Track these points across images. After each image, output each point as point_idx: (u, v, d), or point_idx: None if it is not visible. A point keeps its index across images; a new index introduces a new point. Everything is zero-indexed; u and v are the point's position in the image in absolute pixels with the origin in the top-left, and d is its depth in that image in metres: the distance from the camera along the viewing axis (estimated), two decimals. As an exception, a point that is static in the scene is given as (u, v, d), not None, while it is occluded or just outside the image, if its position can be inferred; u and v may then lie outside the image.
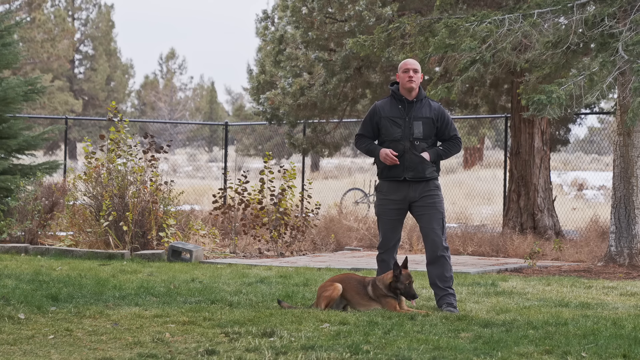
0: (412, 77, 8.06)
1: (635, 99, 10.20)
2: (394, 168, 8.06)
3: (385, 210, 8.18)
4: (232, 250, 13.67)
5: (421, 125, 8.05)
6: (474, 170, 30.11)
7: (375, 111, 8.18)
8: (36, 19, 47.50)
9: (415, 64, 8.14)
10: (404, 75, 8.08)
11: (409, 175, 8.05)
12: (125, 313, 7.57)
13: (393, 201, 8.13)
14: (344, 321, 7.24)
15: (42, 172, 15.06)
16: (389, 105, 8.15)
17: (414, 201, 8.11)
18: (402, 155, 8.03)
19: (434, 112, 8.10)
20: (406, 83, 8.08)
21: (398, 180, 8.09)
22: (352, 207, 18.61)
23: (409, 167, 8.04)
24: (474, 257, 13.49)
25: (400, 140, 8.04)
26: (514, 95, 15.60)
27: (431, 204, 8.08)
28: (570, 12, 10.93)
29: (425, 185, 8.09)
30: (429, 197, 8.08)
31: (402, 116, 8.07)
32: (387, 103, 8.19)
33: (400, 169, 8.05)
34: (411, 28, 12.60)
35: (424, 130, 8.05)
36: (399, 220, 8.20)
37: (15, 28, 15.63)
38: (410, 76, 8.06)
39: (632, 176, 12.05)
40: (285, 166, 14.24)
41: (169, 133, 48.47)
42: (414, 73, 8.07)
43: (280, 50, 17.53)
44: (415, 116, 8.06)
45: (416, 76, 8.08)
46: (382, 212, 8.20)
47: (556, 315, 7.74)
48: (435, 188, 8.13)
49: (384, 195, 8.18)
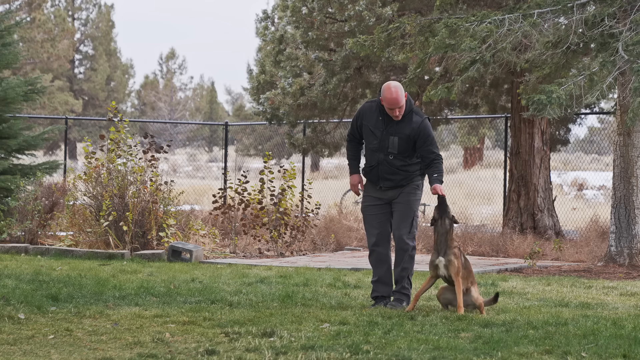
0: (397, 115, 8.06)
1: (635, 99, 10.20)
2: (371, 175, 8.23)
3: (367, 206, 8.30)
4: (232, 250, 13.67)
5: (396, 141, 8.09)
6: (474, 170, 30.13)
7: (359, 115, 8.28)
8: (36, 19, 47.50)
9: (398, 101, 7.97)
10: (389, 111, 8.05)
11: (385, 185, 8.21)
12: (125, 313, 7.57)
13: (375, 198, 8.27)
14: (344, 321, 7.24)
15: (42, 172, 15.05)
16: (372, 113, 8.18)
17: (394, 198, 8.22)
18: (376, 165, 8.18)
19: (414, 129, 8.06)
20: (392, 115, 8.08)
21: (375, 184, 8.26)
22: (352, 207, 18.59)
23: (383, 177, 8.19)
24: (474, 257, 13.48)
25: (376, 151, 8.17)
26: (514, 95, 15.60)
27: (406, 201, 8.17)
28: (570, 12, 10.93)
29: (403, 188, 8.20)
30: (405, 195, 8.18)
31: (380, 127, 8.13)
32: (371, 110, 8.20)
33: (376, 178, 8.22)
34: (411, 28, 12.59)
35: (399, 146, 8.10)
36: (383, 214, 8.24)
37: (15, 28, 15.63)
38: (397, 116, 8.06)
39: (632, 176, 12.05)
40: (285, 166, 14.24)
41: (169, 133, 48.48)
42: (398, 112, 8.03)
43: (280, 50, 17.54)
44: (393, 132, 8.10)
45: (400, 110, 8.04)
46: (365, 208, 8.33)
47: (556, 315, 7.74)
48: (415, 187, 8.22)
49: (367, 192, 8.34)
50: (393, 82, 8.09)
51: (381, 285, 8.21)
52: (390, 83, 8.07)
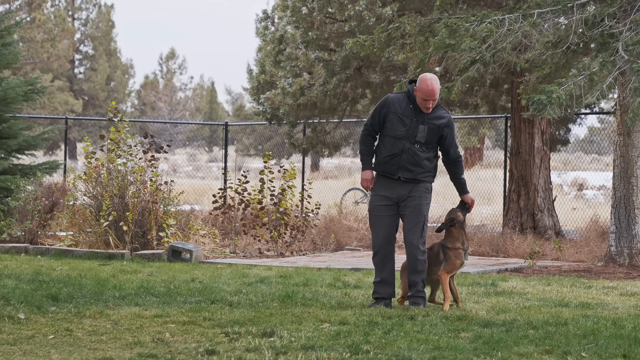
0: (428, 107, 8.03)
1: (635, 99, 10.20)
2: (389, 165, 8.10)
3: (376, 206, 8.21)
4: (232, 250, 13.67)
5: (426, 130, 8.04)
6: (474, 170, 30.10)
7: (386, 103, 8.14)
8: (36, 19, 47.51)
9: (434, 93, 7.97)
10: (422, 102, 8.01)
11: (404, 176, 8.09)
12: (125, 313, 7.57)
13: (384, 197, 8.17)
14: (344, 321, 7.24)
15: (42, 172, 15.06)
16: (401, 102, 8.11)
17: (403, 199, 8.13)
18: (399, 154, 8.05)
19: (443, 123, 8.08)
20: (422, 107, 8.06)
21: (392, 178, 8.13)
22: (352, 207, 18.59)
23: (404, 167, 8.07)
24: (474, 257, 13.48)
25: (402, 139, 8.05)
26: (514, 95, 15.60)
27: (416, 205, 8.11)
28: (570, 12, 10.93)
29: (415, 185, 8.13)
30: (415, 199, 8.11)
31: (410, 116, 8.06)
32: (400, 99, 8.13)
33: (395, 168, 8.09)
34: (411, 28, 12.60)
35: (427, 136, 8.05)
36: (391, 216, 8.18)
37: (15, 28, 15.63)
38: (428, 108, 8.03)
39: (632, 176, 12.05)
40: (285, 166, 14.24)
41: (169, 133, 48.49)
42: (431, 104, 8.02)
43: (280, 50, 17.54)
44: (423, 121, 8.05)
45: (434, 103, 8.04)
46: (374, 208, 8.23)
47: (556, 315, 7.74)
48: (425, 190, 8.16)
49: (376, 192, 8.23)
50: (429, 74, 8.02)
51: (384, 286, 8.17)
52: (427, 75, 8.01)
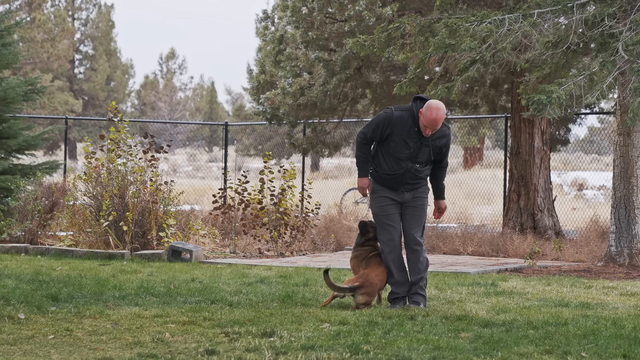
0: (427, 133, 8.02)
1: (635, 99, 10.20)
2: (391, 182, 8.20)
3: (384, 206, 8.25)
4: (232, 250, 13.67)
5: (427, 153, 8.10)
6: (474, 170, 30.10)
7: (390, 122, 8.07)
8: (36, 19, 47.52)
9: (437, 124, 7.94)
10: (423, 127, 7.99)
11: (405, 189, 8.23)
12: (125, 313, 7.57)
13: (390, 198, 8.25)
14: (344, 321, 7.24)
15: (42, 172, 15.05)
16: (405, 122, 8.06)
17: (407, 201, 8.26)
18: (402, 174, 8.16)
19: (444, 142, 8.15)
20: (422, 131, 8.04)
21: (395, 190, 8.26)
22: (352, 207, 18.60)
23: (406, 183, 8.20)
24: (474, 257, 13.48)
25: (404, 160, 8.12)
26: (514, 95, 15.60)
27: (420, 205, 8.26)
28: (570, 12, 10.93)
29: (416, 190, 8.27)
30: (418, 200, 8.26)
31: (414, 138, 8.07)
32: (404, 119, 8.06)
33: (398, 184, 8.21)
34: (411, 28, 12.59)
35: (427, 158, 8.15)
36: (399, 214, 8.28)
37: (15, 28, 15.63)
38: (427, 133, 8.01)
39: (632, 176, 12.05)
40: (285, 166, 14.23)
41: (169, 133, 48.49)
42: (431, 132, 8.00)
43: (280, 50, 17.54)
44: (427, 143, 8.09)
45: (434, 131, 8.03)
46: (383, 208, 8.27)
47: (556, 315, 7.74)
48: (426, 192, 8.35)
49: (379, 194, 8.28)
50: (436, 103, 7.93)
51: (401, 285, 8.24)
52: (434, 104, 7.91)
